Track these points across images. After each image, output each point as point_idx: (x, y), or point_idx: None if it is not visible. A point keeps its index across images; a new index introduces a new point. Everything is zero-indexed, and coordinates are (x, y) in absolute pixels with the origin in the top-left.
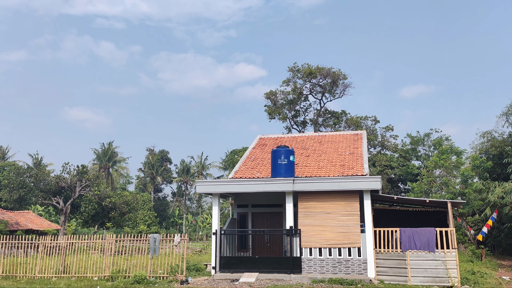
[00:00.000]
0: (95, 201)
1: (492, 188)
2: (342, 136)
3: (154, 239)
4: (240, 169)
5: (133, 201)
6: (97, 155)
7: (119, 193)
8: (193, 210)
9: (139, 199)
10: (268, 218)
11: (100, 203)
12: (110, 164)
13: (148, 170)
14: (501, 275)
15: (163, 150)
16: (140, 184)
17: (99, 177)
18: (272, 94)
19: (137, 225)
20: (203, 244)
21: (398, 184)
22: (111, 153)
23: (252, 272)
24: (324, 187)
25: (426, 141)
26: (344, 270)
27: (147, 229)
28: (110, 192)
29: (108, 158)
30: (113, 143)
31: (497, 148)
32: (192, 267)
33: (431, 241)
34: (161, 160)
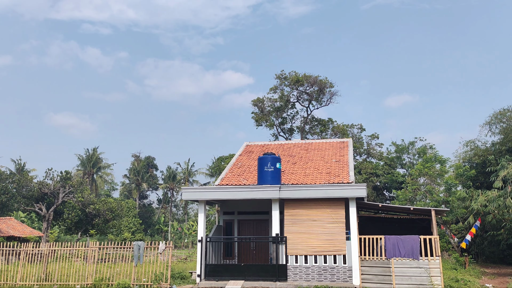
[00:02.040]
0: (79, 208)
1: (475, 196)
2: (329, 144)
3: (138, 247)
4: (226, 176)
5: (118, 208)
6: (81, 161)
7: (103, 200)
8: (179, 217)
9: (123, 206)
10: (254, 226)
11: (84, 209)
12: (94, 170)
13: (134, 176)
14: (484, 282)
15: (149, 157)
16: (125, 191)
17: (83, 184)
18: (259, 101)
19: (122, 233)
20: (189, 252)
21: (383, 192)
22: (95, 159)
23: (237, 280)
24: (310, 194)
25: (411, 149)
26: (330, 278)
27: (131, 236)
28: (94, 199)
29: (92, 164)
30: (98, 149)
31: (480, 157)
32: (177, 275)
33: (415, 248)
34: (147, 166)
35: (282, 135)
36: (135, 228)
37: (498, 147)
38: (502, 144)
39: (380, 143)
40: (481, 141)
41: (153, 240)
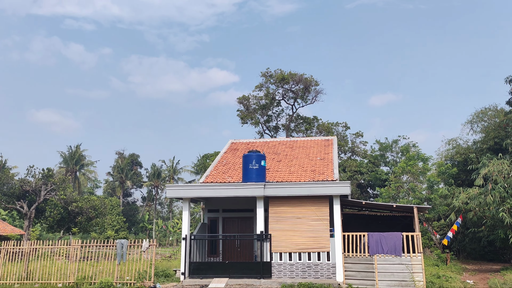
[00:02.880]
0: (61, 206)
1: (456, 194)
2: (313, 142)
3: (122, 245)
4: (211, 174)
5: (101, 206)
6: (64, 158)
7: (86, 198)
8: (164, 215)
9: (107, 204)
10: (239, 223)
11: (66, 207)
12: (77, 167)
13: (117, 174)
14: (465, 279)
15: (133, 154)
16: (109, 188)
17: (65, 181)
18: (245, 99)
19: (105, 231)
20: (173, 250)
21: (367, 189)
22: (78, 156)
23: (222, 277)
24: (294, 192)
25: (394, 147)
26: (313, 275)
27: (115, 234)
28: (76, 197)
29: (75, 161)
30: (81, 146)
31: (462, 155)
32: (161, 273)
33: (397, 245)
34: (131, 164)
35: (268, 133)
36: (118, 226)
37: (479, 146)
38: (484, 142)
39: (365, 141)
40: (463, 140)
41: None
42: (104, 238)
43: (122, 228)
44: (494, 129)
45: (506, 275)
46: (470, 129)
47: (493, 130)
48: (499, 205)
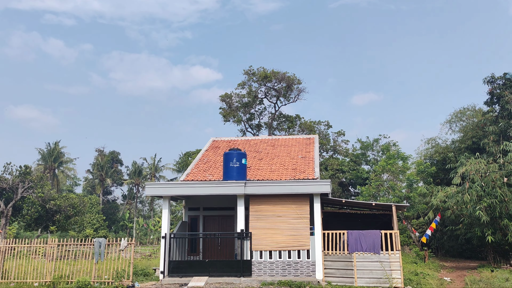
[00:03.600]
0: (39, 204)
1: (435, 192)
2: (295, 140)
3: (99, 243)
4: (192, 172)
5: (80, 204)
6: (42, 155)
7: (64, 196)
8: (145, 213)
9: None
10: (220, 221)
11: (44, 205)
12: (56, 165)
13: (97, 171)
14: (443, 276)
15: (114, 151)
16: (88, 186)
17: (43, 179)
18: (227, 97)
19: (84, 229)
20: (154, 248)
21: (349, 188)
22: (57, 154)
23: (201, 276)
24: (275, 190)
25: (375, 146)
26: (293, 273)
27: (94, 233)
28: (55, 194)
29: (54, 158)
30: (59, 143)
31: (441, 154)
32: (140, 272)
33: (376, 243)
34: (111, 161)
35: (250, 131)
36: (98, 225)
37: (457, 145)
38: (462, 142)
39: (346, 140)
40: (441, 139)
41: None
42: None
43: (101, 226)
44: (472, 128)
45: (483, 272)
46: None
47: (471, 130)
48: (476, 203)
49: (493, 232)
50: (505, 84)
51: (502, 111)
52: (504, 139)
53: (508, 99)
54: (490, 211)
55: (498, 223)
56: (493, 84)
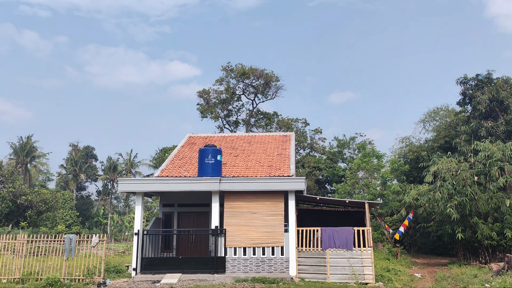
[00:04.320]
0: (9, 199)
1: (408, 190)
2: (271, 137)
3: (70, 240)
4: (167, 168)
5: (52, 200)
6: (14, 149)
7: (36, 191)
8: (120, 209)
9: (59, 197)
10: (195, 218)
11: (15, 200)
12: (28, 159)
13: (71, 166)
14: (414, 272)
15: (88, 146)
16: (61, 182)
17: (14, 173)
18: (205, 93)
19: (57, 225)
20: (127, 245)
21: (325, 185)
22: (29, 148)
23: (175, 273)
24: (250, 187)
25: (352, 144)
26: (267, 269)
27: (67, 229)
28: (26, 190)
29: (26, 153)
30: (32, 137)
31: (414, 152)
32: (113, 269)
33: (349, 239)
34: (86, 156)
35: (228, 127)
36: (71, 221)
37: (430, 144)
38: (435, 141)
39: (323, 138)
40: (415, 138)
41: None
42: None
43: (75, 222)
44: (445, 128)
45: (452, 268)
46: (423, 128)
47: (444, 129)
48: (447, 201)
49: (463, 230)
50: (477, 85)
51: (473, 112)
52: (475, 138)
53: (479, 99)
54: (461, 209)
55: (468, 221)
56: (466, 85)
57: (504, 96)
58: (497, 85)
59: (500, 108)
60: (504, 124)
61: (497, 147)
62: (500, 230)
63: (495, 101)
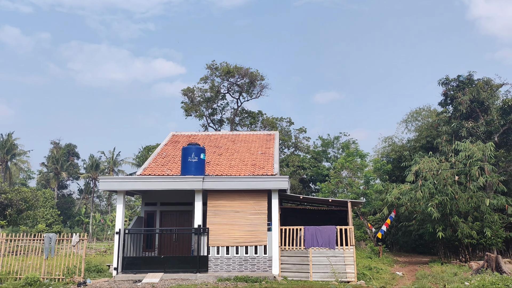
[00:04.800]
0: None
1: (390, 189)
2: (256, 136)
3: (50, 239)
4: (149, 166)
5: (33, 198)
6: None
7: (16, 189)
8: (102, 208)
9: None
10: (178, 217)
11: None
12: (8, 157)
13: (52, 164)
14: (395, 270)
15: (70, 144)
16: (43, 180)
17: None
18: (190, 91)
19: (37, 224)
20: (109, 244)
21: (310, 184)
22: (10, 145)
23: (156, 272)
24: (233, 186)
25: (336, 143)
26: (250, 268)
27: (47, 228)
28: (6, 188)
29: (6, 150)
30: (13, 135)
31: (397, 152)
32: (93, 268)
33: (331, 238)
34: (68, 154)
35: (212, 126)
36: (52, 220)
37: (413, 144)
38: (417, 141)
39: (308, 137)
40: (398, 138)
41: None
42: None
43: (56, 221)
44: (427, 128)
45: (433, 267)
46: (405, 128)
47: (425, 130)
48: (428, 200)
49: (444, 228)
50: (458, 86)
51: (455, 112)
52: (456, 139)
53: (460, 100)
54: (441, 208)
55: (448, 220)
56: (447, 86)
57: (485, 97)
58: (478, 86)
59: (481, 109)
60: (484, 125)
61: (477, 147)
62: (480, 229)
63: (476, 102)
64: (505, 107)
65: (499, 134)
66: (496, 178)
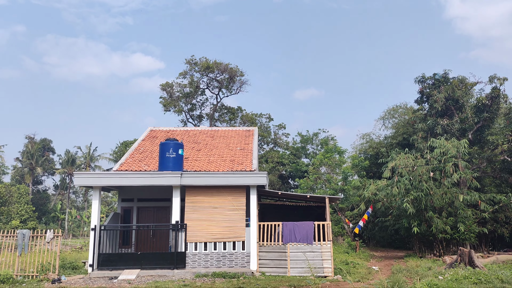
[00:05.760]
0: None
1: (367, 185)
2: (235, 132)
3: (23, 235)
4: (126, 161)
5: (6, 194)
6: None
7: None
8: (79, 204)
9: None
10: (155, 213)
11: None
12: None
13: (27, 159)
14: (372, 265)
15: (45, 139)
16: (17, 175)
17: None
18: (168, 86)
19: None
20: (85, 241)
21: (289, 180)
22: None
23: (133, 269)
24: (212, 181)
25: (315, 140)
26: (228, 264)
27: (22, 224)
28: None
29: None
30: None
31: (374, 149)
32: (69, 265)
33: (309, 234)
34: (43, 149)
35: (191, 121)
36: (27, 216)
37: (389, 141)
38: (393, 137)
39: (287, 133)
40: (375, 135)
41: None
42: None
43: (31, 217)
44: (403, 125)
45: (408, 261)
46: (382, 125)
47: (402, 127)
48: (404, 196)
49: (419, 224)
50: (434, 84)
51: (430, 110)
52: (432, 136)
53: (436, 98)
54: (417, 204)
55: (423, 215)
56: (424, 84)
57: (460, 95)
58: (453, 85)
59: (456, 107)
60: (459, 122)
61: (451, 144)
62: (454, 224)
63: (451, 100)
64: (479, 105)
65: (473, 131)
66: (469, 175)
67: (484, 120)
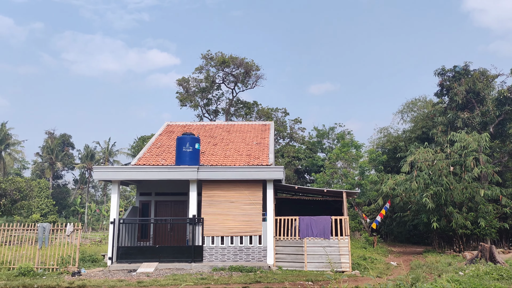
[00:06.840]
0: None
1: (385, 180)
2: (251, 126)
3: (43, 229)
4: (144, 156)
5: (27, 188)
6: None
7: (10, 179)
8: (98, 198)
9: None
10: (172, 207)
11: None
12: (2, 147)
13: (47, 154)
14: (390, 260)
15: (65, 134)
16: (37, 170)
17: None
18: (184, 81)
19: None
20: (104, 234)
21: (305, 175)
22: (4, 135)
23: (151, 262)
24: (228, 176)
25: (331, 134)
26: (245, 258)
27: (42, 218)
28: (0, 178)
29: (0, 140)
30: (6, 124)
31: (392, 143)
32: (88, 258)
33: (326, 228)
34: (62, 144)
35: (207, 116)
36: (47, 210)
37: (408, 134)
38: (412, 131)
39: (303, 128)
40: (393, 129)
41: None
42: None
43: (51, 211)
44: (423, 119)
45: (428, 257)
46: (401, 118)
47: (421, 120)
48: (423, 191)
49: (438, 219)
50: (454, 76)
51: (450, 103)
52: (452, 129)
53: (456, 91)
54: (436, 199)
55: (443, 210)
56: (443, 76)
57: (480, 87)
58: (474, 77)
59: (476, 100)
60: (480, 116)
61: (472, 138)
62: (474, 220)
63: (472, 93)
64: (500, 98)
65: (494, 125)
66: (490, 169)
67: (506, 113)
